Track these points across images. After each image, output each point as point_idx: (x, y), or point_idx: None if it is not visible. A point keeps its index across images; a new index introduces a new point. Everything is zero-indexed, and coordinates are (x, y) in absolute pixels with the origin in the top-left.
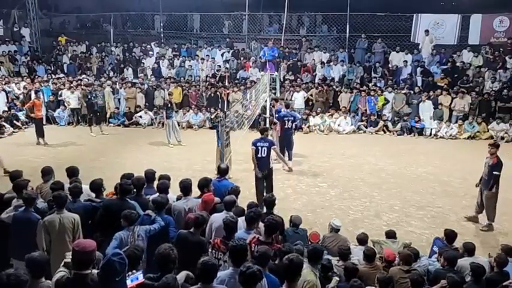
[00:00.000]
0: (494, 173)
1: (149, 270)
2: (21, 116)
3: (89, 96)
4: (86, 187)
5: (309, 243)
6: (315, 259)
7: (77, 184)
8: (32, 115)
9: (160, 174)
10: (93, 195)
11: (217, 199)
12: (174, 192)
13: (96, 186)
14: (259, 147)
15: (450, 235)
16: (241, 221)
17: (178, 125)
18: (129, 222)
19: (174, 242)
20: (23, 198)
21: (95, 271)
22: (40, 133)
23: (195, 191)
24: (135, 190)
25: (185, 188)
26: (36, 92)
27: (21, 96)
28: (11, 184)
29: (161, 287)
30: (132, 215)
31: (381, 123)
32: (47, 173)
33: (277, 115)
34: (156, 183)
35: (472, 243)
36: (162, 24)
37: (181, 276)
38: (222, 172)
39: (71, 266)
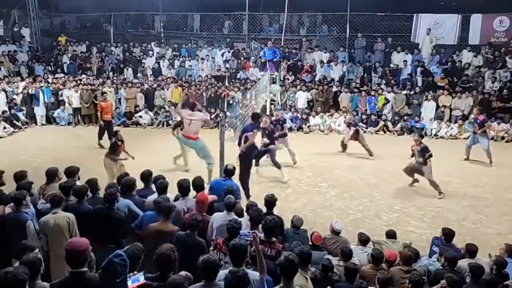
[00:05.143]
0: (427, 154)
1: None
2: (21, 116)
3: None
4: None
5: (311, 244)
6: (304, 262)
7: (81, 186)
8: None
9: (155, 176)
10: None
11: (214, 197)
12: (172, 192)
13: (92, 186)
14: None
15: (448, 234)
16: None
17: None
18: None
19: (173, 243)
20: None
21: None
22: (99, 135)
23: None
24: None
25: (184, 188)
26: (102, 94)
27: (18, 97)
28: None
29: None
30: None
31: (381, 123)
32: (51, 175)
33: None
34: (153, 184)
35: (475, 245)
36: (162, 24)
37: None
38: (228, 172)
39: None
